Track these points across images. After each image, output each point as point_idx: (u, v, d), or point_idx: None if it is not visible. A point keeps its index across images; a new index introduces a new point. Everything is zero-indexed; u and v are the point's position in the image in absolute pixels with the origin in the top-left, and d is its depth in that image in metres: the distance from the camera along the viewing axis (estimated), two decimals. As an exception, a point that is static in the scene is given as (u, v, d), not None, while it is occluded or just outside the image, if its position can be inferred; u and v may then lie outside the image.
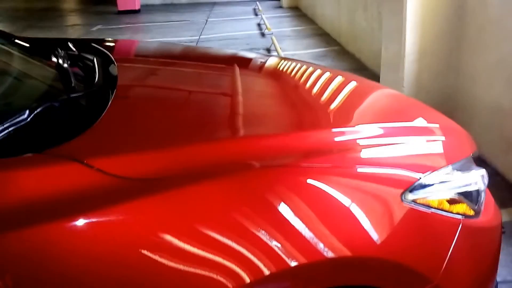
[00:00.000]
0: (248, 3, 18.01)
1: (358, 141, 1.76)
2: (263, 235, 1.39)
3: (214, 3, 18.46)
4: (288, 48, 9.56)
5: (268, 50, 9.57)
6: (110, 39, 3.26)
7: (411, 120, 2.04)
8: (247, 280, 1.35)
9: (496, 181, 3.90)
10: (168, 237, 1.34)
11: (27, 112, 1.58)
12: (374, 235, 1.51)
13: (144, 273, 1.30)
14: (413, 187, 1.65)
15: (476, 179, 1.84)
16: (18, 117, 1.56)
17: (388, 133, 1.84)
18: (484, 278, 1.83)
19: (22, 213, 1.28)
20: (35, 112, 1.60)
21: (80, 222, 1.28)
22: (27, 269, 1.25)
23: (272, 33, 11.12)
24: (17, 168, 1.37)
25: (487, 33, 4.19)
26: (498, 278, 2.08)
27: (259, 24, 13.00)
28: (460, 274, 1.70)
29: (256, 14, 15.00)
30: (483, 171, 1.89)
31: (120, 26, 13.92)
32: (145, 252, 1.31)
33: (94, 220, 1.30)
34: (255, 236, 1.39)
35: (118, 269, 1.29)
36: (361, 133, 1.81)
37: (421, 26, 4.67)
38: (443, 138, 1.95)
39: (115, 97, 1.89)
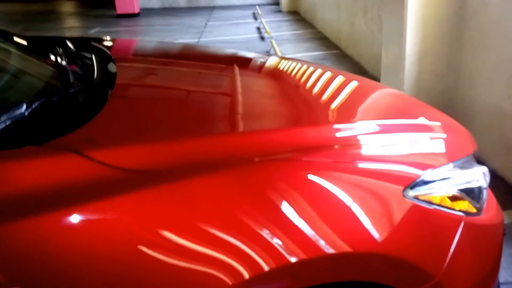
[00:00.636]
0: (248, 7, 18.06)
1: (359, 137, 1.75)
2: (262, 230, 1.38)
3: (214, 7, 18.50)
4: (287, 52, 9.58)
5: (268, 53, 9.58)
6: (108, 38, 3.25)
7: (413, 118, 2.03)
8: (246, 276, 1.34)
9: (496, 183, 3.88)
10: (169, 230, 1.33)
11: (25, 105, 1.58)
12: (376, 231, 1.50)
13: (142, 266, 1.29)
14: (415, 183, 1.64)
15: (478, 176, 1.83)
16: (17, 110, 1.56)
17: (389, 130, 1.84)
18: (486, 276, 1.81)
19: (22, 204, 1.27)
20: (35, 105, 1.60)
21: (82, 213, 1.28)
22: (28, 260, 1.24)
23: (271, 37, 11.14)
24: (16, 159, 1.37)
25: (487, 35, 4.19)
26: (500, 280, 2.06)
27: (258, 28, 13.03)
28: (462, 271, 1.69)
29: (255, 18, 15.03)
30: (484, 169, 1.88)
31: (118, 29, 13.94)
32: (145, 245, 1.30)
33: (95, 211, 1.29)
34: (254, 231, 1.38)
35: (117, 260, 1.28)
36: (363, 129, 1.80)
37: (421, 28, 4.67)
38: (444, 136, 1.94)
39: (114, 92, 1.90)
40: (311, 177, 1.51)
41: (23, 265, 1.24)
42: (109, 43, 3.04)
